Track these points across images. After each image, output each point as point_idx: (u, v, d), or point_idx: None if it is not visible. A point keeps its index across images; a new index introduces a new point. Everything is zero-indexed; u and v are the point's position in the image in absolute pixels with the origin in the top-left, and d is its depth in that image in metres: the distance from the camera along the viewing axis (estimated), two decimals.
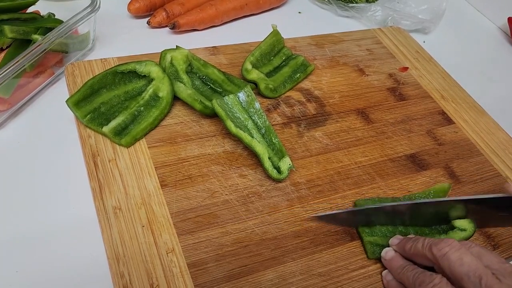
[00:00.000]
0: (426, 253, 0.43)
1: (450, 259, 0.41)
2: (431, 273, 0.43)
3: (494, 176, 0.62)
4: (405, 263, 0.46)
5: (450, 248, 0.41)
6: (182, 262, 0.46)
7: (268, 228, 0.50)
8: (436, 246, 0.42)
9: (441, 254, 0.42)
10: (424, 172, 0.60)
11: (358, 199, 0.54)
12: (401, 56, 0.77)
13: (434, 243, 0.43)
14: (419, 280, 0.43)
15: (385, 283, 0.48)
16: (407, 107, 0.68)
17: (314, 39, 0.76)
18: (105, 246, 0.46)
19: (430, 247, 0.43)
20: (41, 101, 0.60)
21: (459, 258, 0.40)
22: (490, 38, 0.92)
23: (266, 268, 0.47)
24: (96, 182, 0.50)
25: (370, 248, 0.50)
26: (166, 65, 0.60)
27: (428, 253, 0.43)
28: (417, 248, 0.45)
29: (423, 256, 0.44)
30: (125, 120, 0.55)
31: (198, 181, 0.52)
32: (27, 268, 0.45)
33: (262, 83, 0.63)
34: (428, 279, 0.42)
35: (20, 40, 0.58)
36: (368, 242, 0.50)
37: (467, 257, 0.40)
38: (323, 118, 0.64)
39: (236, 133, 0.54)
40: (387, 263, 0.48)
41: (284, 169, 0.53)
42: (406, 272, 0.45)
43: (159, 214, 0.49)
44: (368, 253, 0.50)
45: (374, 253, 0.50)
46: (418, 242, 0.45)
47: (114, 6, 0.75)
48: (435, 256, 0.42)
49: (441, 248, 0.42)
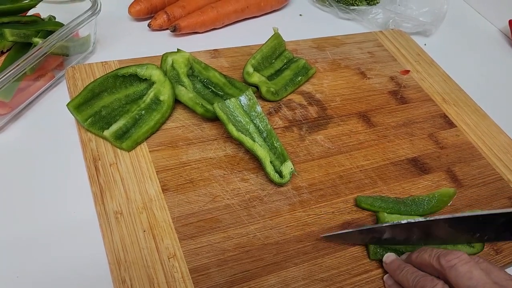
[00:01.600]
0: (434, 263, 0.43)
1: (458, 271, 0.40)
2: (433, 278, 0.42)
3: (496, 180, 0.61)
4: (406, 265, 0.46)
5: (459, 261, 0.41)
6: (184, 267, 0.45)
7: (270, 232, 0.50)
8: (445, 257, 0.42)
9: (449, 265, 0.41)
10: (426, 176, 0.60)
11: (359, 196, 0.54)
12: (403, 59, 0.77)
13: (443, 254, 0.42)
14: (421, 283, 0.42)
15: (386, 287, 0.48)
16: (409, 110, 0.68)
17: (316, 42, 0.76)
18: (106, 251, 0.45)
19: (438, 257, 0.42)
20: (41, 104, 0.60)
21: (468, 271, 0.40)
22: (491, 41, 0.92)
23: (268, 273, 0.47)
24: (97, 187, 0.50)
25: (373, 249, 0.50)
26: (167, 68, 0.59)
27: (435, 263, 0.42)
28: (423, 258, 0.44)
29: (429, 266, 0.43)
30: (126, 124, 0.55)
31: (199, 185, 0.52)
32: (28, 272, 0.45)
33: (263, 86, 0.63)
34: (430, 284, 0.41)
35: (21, 43, 0.58)
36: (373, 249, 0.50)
37: (476, 271, 0.40)
38: (325, 121, 0.63)
39: (238, 137, 0.53)
40: (387, 266, 0.48)
41: (286, 173, 0.53)
42: (406, 274, 0.44)
43: (161, 219, 0.49)
44: (370, 253, 0.50)
45: (376, 254, 0.49)
46: (425, 252, 0.44)
47: (115, 8, 0.75)
48: (443, 267, 0.41)
49: (450, 260, 0.41)
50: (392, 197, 0.55)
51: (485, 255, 0.52)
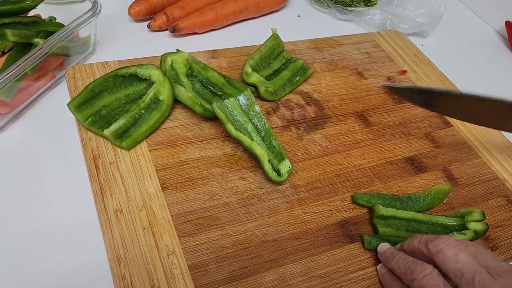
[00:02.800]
0: (422, 249, 0.44)
1: (445, 255, 0.41)
2: (423, 263, 0.43)
3: (492, 179, 0.62)
4: (398, 253, 0.46)
5: (446, 245, 0.42)
6: (183, 264, 0.46)
7: (268, 230, 0.50)
8: (432, 242, 0.43)
9: (436, 250, 0.42)
10: (422, 174, 0.60)
11: (355, 193, 0.55)
12: (400, 60, 0.78)
13: (430, 240, 0.43)
14: (411, 269, 0.43)
15: (380, 276, 0.48)
16: (406, 110, 0.69)
17: (313, 43, 0.76)
18: (106, 248, 0.46)
19: (426, 243, 0.43)
20: (42, 104, 0.61)
21: (455, 255, 0.41)
22: (488, 42, 0.93)
23: (267, 270, 0.47)
24: (97, 185, 0.51)
25: (368, 239, 0.51)
26: (167, 68, 0.60)
27: (424, 248, 0.43)
28: (413, 244, 0.45)
29: (419, 252, 0.44)
30: (126, 123, 0.55)
31: (198, 184, 0.53)
32: (28, 270, 0.46)
33: (262, 86, 0.63)
34: (420, 268, 0.42)
35: (22, 43, 0.58)
36: (382, 233, 0.51)
37: (462, 254, 0.41)
38: (322, 121, 0.64)
39: (236, 136, 0.54)
40: (382, 256, 0.49)
41: (284, 172, 0.54)
42: (398, 261, 0.45)
43: (160, 217, 0.49)
44: (365, 244, 0.51)
45: (370, 243, 0.50)
46: (415, 239, 0.45)
47: (115, 9, 0.76)
48: (430, 252, 0.42)
49: (437, 244, 0.42)
50: (389, 194, 0.56)
51: None
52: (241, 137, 0.54)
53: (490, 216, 0.57)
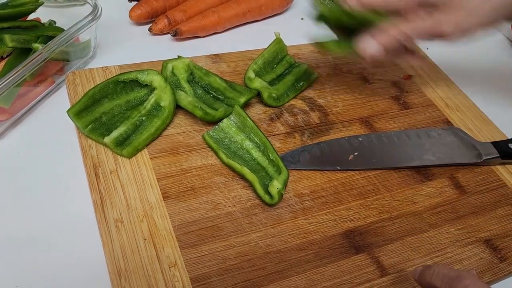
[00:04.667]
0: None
1: None
2: None
3: (500, 187, 0.61)
4: None
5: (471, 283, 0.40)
6: (185, 276, 0.45)
7: (272, 241, 0.49)
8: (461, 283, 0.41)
9: None
10: (429, 182, 0.59)
11: None
12: (405, 64, 0.76)
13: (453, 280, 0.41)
14: None
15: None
16: (411, 115, 0.68)
17: None
18: (107, 261, 0.45)
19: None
20: (41, 110, 0.60)
21: None
22: (495, 46, 0.91)
23: (270, 282, 0.46)
24: (97, 194, 0.49)
25: None
26: (168, 74, 0.59)
27: None
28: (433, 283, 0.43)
29: None
30: (126, 131, 0.54)
31: (200, 193, 0.52)
32: (27, 281, 0.44)
33: (265, 91, 0.62)
34: None
35: (21, 48, 0.57)
36: None
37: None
38: (327, 127, 0.63)
39: (228, 163, 0.54)
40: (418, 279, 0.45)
41: (274, 193, 0.51)
42: None
43: (161, 227, 0.48)
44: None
45: None
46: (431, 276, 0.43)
47: (116, 13, 0.75)
48: None
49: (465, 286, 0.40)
50: None
51: (488, 263, 0.52)
52: (232, 164, 0.54)
53: (498, 226, 0.56)
